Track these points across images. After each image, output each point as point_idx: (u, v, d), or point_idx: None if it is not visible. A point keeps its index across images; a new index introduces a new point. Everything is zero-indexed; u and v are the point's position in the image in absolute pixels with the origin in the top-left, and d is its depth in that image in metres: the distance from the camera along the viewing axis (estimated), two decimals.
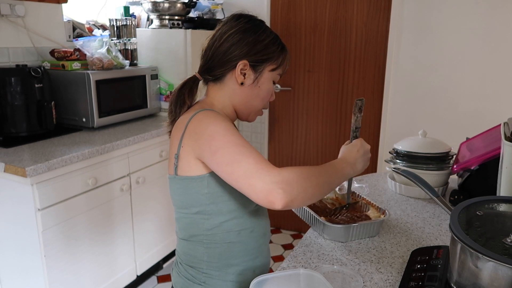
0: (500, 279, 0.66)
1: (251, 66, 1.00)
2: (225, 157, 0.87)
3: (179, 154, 0.97)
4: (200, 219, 1.01)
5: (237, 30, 1.00)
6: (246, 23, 1.01)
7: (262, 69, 1.02)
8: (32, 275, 1.76)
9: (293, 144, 3.10)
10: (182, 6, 2.67)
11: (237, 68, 0.99)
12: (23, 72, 1.93)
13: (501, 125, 1.15)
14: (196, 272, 1.05)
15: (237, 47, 0.99)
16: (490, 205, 0.84)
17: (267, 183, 0.81)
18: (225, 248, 1.03)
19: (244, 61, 0.99)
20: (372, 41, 2.71)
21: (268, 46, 1.01)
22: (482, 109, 2.41)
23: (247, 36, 0.99)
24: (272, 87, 1.05)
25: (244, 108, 1.05)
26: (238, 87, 1.02)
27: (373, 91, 2.77)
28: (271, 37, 1.02)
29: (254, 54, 1.00)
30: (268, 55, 1.01)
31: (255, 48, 0.99)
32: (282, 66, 1.04)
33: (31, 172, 1.58)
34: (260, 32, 1.01)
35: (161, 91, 2.65)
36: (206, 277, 1.04)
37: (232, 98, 1.04)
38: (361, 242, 1.07)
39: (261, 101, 1.05)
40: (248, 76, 1.01)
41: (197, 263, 1.05)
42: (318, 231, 1.12)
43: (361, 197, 1.22)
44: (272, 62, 1.02)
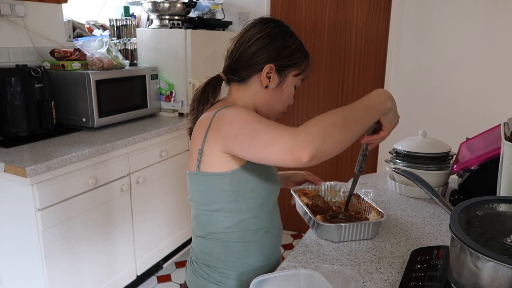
0: (500, 279, 0.66)
1: (276, 70, 1.03)
2: (246, 136, 0.89)
3: (203, 149, 0.98)
4: (220, 216, 1.02)
5: (266, 34, 1.02)
6: (274, 28, 1.03)
7: (287, 74, 1.04)
8: (32, 275, 1.76)
9: None
10: (182, 6, 2.67)
11: (263, 71, 1.02)
12: (23, 72, 1.93)
13: (501, 125, 1.15)
14: (213, 271, 1.06)
15: (265, 51, 1.01)
16: (490, 205, 0.84)
17: (288, 142, 0.81)
18: (242, 247, 1.04)
19: (271, 65, 1.01)
20: (372, 41, 2.71)
21: (294, 52, 1.04)
22: (482, 109, 2.41)
23: (275, 41, 1.02)
24: (293, 92, 1.08)
25: (265, 110, 1.08)
26: (262, 89, 1.04)
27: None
28: (297, 43, 1.05)
29: (281, 59, 1.02)
30: (293, 60, 1.03)
31: (282, 53, 1.02)
32: (304, 72, 1.07)
33: (31, 172, 1.58)
34: (287, 38, 1.03)
35: (161, 91, 2.65)
36: (222, 276, 1.05)
37: (255, 99, 1.06)
38: (361, 242, 1.07)
39: (282, 104, 1.08)
40: (273, 79, 1.03)
41: (214, 262, 1.06)
42: (313, 230, 1.13)
43: (365, 201, 1.21)
44: (296, 68, 1.05)
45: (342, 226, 1.06)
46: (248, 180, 0.99)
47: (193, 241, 1.12)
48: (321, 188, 1.34)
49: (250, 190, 1.00)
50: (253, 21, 1.06)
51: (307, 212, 1.14)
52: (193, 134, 1.03)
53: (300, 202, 1.21)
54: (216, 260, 1.05)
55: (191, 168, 1.02)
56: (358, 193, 1.24)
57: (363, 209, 1.20)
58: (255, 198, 1.01)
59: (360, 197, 1.24)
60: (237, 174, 0.98)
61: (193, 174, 1.02)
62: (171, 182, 2.44)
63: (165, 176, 2.38)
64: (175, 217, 2.53)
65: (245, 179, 0.98)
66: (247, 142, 0.88)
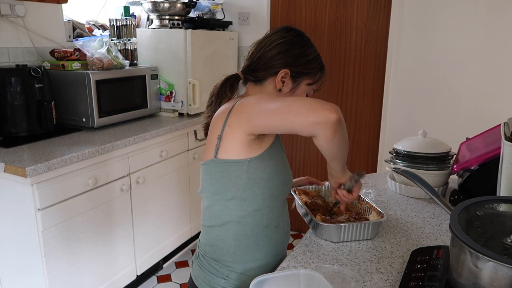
0: (500, 279, 0.66)
1: (291, 76, 1.07)
2: (273, 110, 0.92)
3: (222, 134, 1.00)
4: (234, 205, 1.03)
5: (286, 41, 1.07)
6: (295, 37, 1.09)
7: (301, 81, 1.09)
8: (32, 275, 1.76)
9: (293, 144, 3.10)
10: (182, 6, 2.67)
11: (279, 75, 1.06)
12: (23, 72, 1.93)
13: (501, 125, 1.15)
14: (220, 266, 1.07)
15: (283, 56, 1.06)
16: (490, 205, 0.84)
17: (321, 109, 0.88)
18: (252, 240, 1.05)
19: (286, 70, 1.06)
20: (372, 41, 2.71)
21: (311, 61, 1.09)
22: (482, 109, 2.41)
23: (294, 48, 1.07)
24: None
25: None
26: (276, 92, 1.09)
27: (373, 91, 2.77)
28: (314, 54, 1.10)
29: (297, 66, 1.07)
30: (308, 69, 1.08)
31: (299, 61, 1.07)
32: (317, 82, 1.12)
33: (31, 172, 1.58)
34: (306, 47, 1.09)
35: (161, 91, 2.65)
36: (229, 271, 1.06)
37: None
38: (361, 242, 1.07)
39: None
40: (286, 84, 1.08)
41: (222, 255, 1.07)
42: (313, 230, 1.13)
43: (365, 201, 1.21)
44: (310, 77, 1.09)
45: (341, 226, 1.06)
46: (265, 169, 1.02)
47: (202, 235, 1.13)
48: (322, 188, 1.34)
49: (266, 179, 1.02)
50: (277, 28, 1.12)
51: (306, 211, 1.14)
52: (211, 125, 1.05)
53: (299, 201, 1.21)
54: (225, 254, 1.06)
55: (208, 157, 1.04)
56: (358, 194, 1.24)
57: (363, 210, 1.21)
58: (270, 188, 1.03)
59: (360, 198, 1.24)
60: (255, 162, 1.00)
61: (210, 162, 1.03)
62: (171, 182, 2.44)
63: (165, 176, 2.38)
64: (175, 217, 2.53)
65: (262, 167, 1.01)
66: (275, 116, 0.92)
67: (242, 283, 1.06)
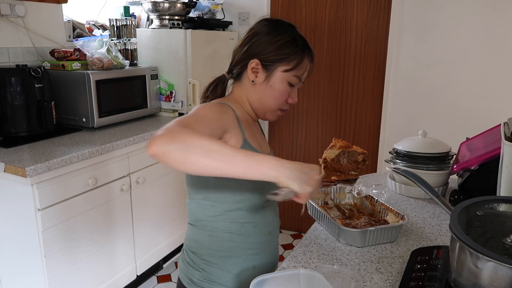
0: (500, 279, 0.66)
1: (263, 66, 1.03)
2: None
3: None
4: (206, 205, 1.05)
5: (254, 32, 1.06)
6: (265, 26, 1.06)
7: (274, 68, 1.04)
8: (32, 275, 1.76)
9: (293, 144, 3.10)
10: (182, 6, 2.67)
11: (249, 66, 1.04)
12: (23, 72, 1.93)
13: (501, 125, 1.15)
14: (197, 258, 1.09)
15: (250, 46, 1.05)
16: (490, 205, 0.84)
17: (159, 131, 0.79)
18: (227, 238, 1.06)
19: (255, 59, 1.03)
20: (372, 41, 2.71)
21: (282, 47, 1.03)
22: (482, 109, 2.41)
23: (261, 37, 1.04)
24: (286, 88, 1.06)
25: (258, 106, 1.08)
26: (251, 85, 1.06)
27: (373, 91, 2.77)
28: (287, 39, 1.04)
29: (266, 54, 1.03)
30: (280, 55, 1.03)
31: (268, 48, 1.03)
32: (297, 68, 1.04)
33: (31, 172, 1.58)
34: (275, 34, 1.04)
35: (161, 91, 2.65)
36: (205, 264, 1.07)
37: (248, 96, 1.08)
38: None
39: (274, 100, 1.06)
40: (259, 75, 1.04)
41: (198, 248, 1.09)
42: (334, 235, 1.10)
43: (380, 202, 1.19)
44: (285, 63, 1.03)
45: (367, 231, 1.03)
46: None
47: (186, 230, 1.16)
48: (331, 190, 1.31)
49: (235, 181, 0.94)
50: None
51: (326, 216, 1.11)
52: None
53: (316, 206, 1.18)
54: (201, 247, 1.08)
55: None
56: (370, 195, 1.23)
57: (377, 211, 1.19)
58: (240, 190, 1.02)
59: (373, 199, 1.22)
60: None
61: None
62: (171, 182, 2.44)
63: (165, 176, 2.38)
64: (175, 217, 2.53)
65: None
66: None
67: (216, 277, 1.07)
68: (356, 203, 1.27)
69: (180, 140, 0.78)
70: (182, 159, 0.78)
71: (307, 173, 0.83)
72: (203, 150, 0.78)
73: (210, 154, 0.78)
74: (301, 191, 0.81)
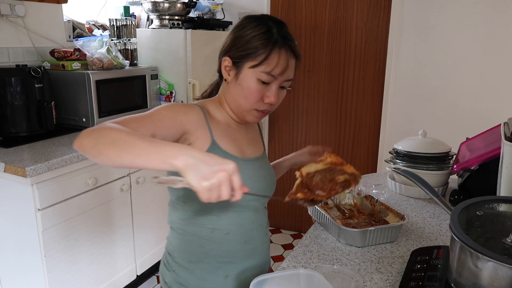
0: (500, 279, 0.66)
1: (233, 63, 0.98)
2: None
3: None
4: (177, 207, 1.05)
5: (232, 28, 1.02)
6: (240, 21, 1.01)
7: (242, 65, 0.97)
8: (32, 275, 1.76)
9: (293, 144, 3.10)
10: (182, 6, 2.67)
11: (222, 64, 1.01)
12: (23, 72, 1.93)
13: (501, 125, 1.15)
14: (171, 259, 1.08)
15: (223, 44, 1.02)
16: (490, 205, 0.84)
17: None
18: (197, 242, 1.03)
19: (226, 57, 0.99)
20: (372, 41, 2.71)
21: (250, 41, 0.96)
22: (482, 109, 2.41)
23: (233, 32, 1.00)
24: (256, 86, 0.97)
25: (233, 106, 1.03)
26: (226, 84, 1.02)
27: (373, 91, 2.77)
28: (257, 32, 0.96)
29: (234, 50, 0.98)
30: (247, 50, 0.96)
31: (236, 44, 0.98)
32: (265, 64, 0.94)
33: (31, 172, 1.58)
34: (245, 28, 0.98)
35: (161, 91, 2.65)
36: (176, 266, 1.07)
37: (225, 96, 1.04)
38: None
39: (244, 99, 0.98)
40: (231, 72, 0.99)
41: (172, 250, 1.08)
42: (334, 235, 1.10)
43: (380, 202, 1.19)
44: (252, 58, 0.95)
45: (367, 231, 1.03)
46: None
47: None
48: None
49: None
50: None
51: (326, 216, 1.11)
52: None
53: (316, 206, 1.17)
54: (174, 249, 1.08)
55: None
56: (370, 195, 1.23)
57: (377, 211, 1.19)
58: None
59: (373, 199, 1.22)
60: None
61: None
62: None
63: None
64: None
65: None
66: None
67: (185, 281, 1.05)
68: (356, 203, 1.27)
69: (97, 134, 0.76)
70: (96, 152, 0.75)
71: (211, 167, 0.69)
72: (111, 140, 0.74)
73: (116, 145, 0.73)
74: (194, 183, 0.69)
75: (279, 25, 0.98)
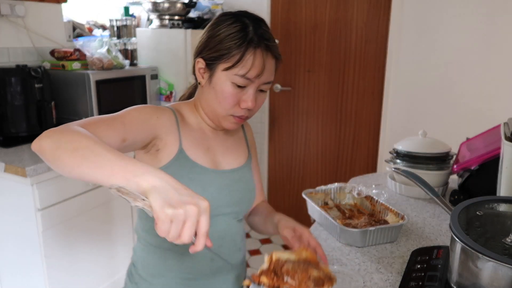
0: (500, 279, 0.66)
1: (206, 65, 0.91)
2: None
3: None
4: (141, 216, 1.00)
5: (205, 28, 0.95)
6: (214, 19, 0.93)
7: (215, 67, 0.89)
8: (32, 275, 1.76)
9: (293, 144, 3.10)
10: (182, 6, 2.67)
11: (196, 66, 0.94)
12: (23, 72, 1.93)
13: (501, 125, 1.15)
14: (134, 270, 1.03)
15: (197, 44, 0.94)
16: (490, 205, 0.84)
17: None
18: (159, 255, 0.97)
19: (199, 58, 0.92)
20: (372, 41, 2.71)
21: (222, 41, 0.88)
22: (482, 109, 2.41)
23: (206, 31, 0.93)
24: (230, 90, 0.89)
25: (208, 111, 0.96)
26: (201, 87, 0.95)
27: (373, 91, 2.77)
28: (231, 31, 0.88)
29: (207, 51, 0.90)
30: (220, 51, 0.88)
31: (209, 45, 0.90)
32: (238, 66, 0.86)
33: (31, 172, 1.58)
34: (219, 26, 0.90)
35: (161, 91, 2.65)
36: (139, 278, 1.01)
37: (200, 100, 0.97)
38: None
39: (219, 104, 0.91)
40: (205, 75, 0.92)
41: (136, 261, 1.03)
42: (334, 235, 1.10)
43: (380, 202, 1.19)
44: (225, 60, 0.87)
45: (367, 231, 1.03)
46: None
47: None
48: (331, 190, 1.31)
49: None
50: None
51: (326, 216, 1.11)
52: None
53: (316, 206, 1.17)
54: (137, 259, 1.02)
55: None
56: (370, 195, 1.23)
57: (377, 211, 1.18)
58: None
59: (373, 199, 1.22)
60: None
61: None
62: None
63: None
64: None
65: None
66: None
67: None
68: (356, 203, 1.27)
69: (59, 136, 0.67)
70: (53, 157, 0.66)
71: (181, 196, 0.59)
72: (73, 147, 0.64)
73: (78, 153, 0.64)
74: (157, 207, 0.57)
75: (256, 23, 0.91)
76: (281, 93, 3.01)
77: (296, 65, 2.93)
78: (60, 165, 0.65)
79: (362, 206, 1.24)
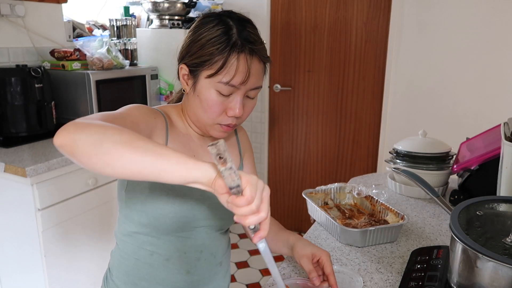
0: (500, 279, 0.66)
1: (190, 71, 0.86)
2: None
3: None
4: (121, 219, 0.95)
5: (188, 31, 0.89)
6: (197, 20, 0.87)
7: (198, 74, 0.84)
8: (32, 274, 1.76)
9: (293, 144, 3.10)
10: (182, 6, 2.67)
11: (180, 73, 0.89)
12: (23, 72, 1.93)
13: (501, 125, 1.15)
14: (109, 275, 1.01)
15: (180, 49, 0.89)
16: (490, 205, 0.84)
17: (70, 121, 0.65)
18: (133, 263, 0.94)
19: (182, 64, 0.87)
20: (372, 41, 2.71)
21: (204, 46, 0.81)
22: (482, 109, 2.41)
23: (188, 36, 0.87)
24: (214, 98, 0.83)
25: (194, 119, 0.91)
26: (186, 95, 0.90)
27: (373, 91, 2.77)
28: (213, 35, 0.81)
29: (189, 57, 0.85)
30: (202, 57, 0.82)
31: (192, 49, 0.84)
32: (221, 73, 0.80)
33: (31, 172, 1.58)
34: (201, 29, 0.83)
35: (161, 91, 2.65)
36: (113, 284, 0.98)
37: (186, 107, 0.92)
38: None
39: (204, 113, 0.85)
40: (189, 82, 0.87)
41: (112, 266, 1.00)
42: (334, 235, 1.10)
43: (380, 202, 1.19)
44: (208, 67, 0.81)
45: (367, 231, 1.03)
46: (142, 190, 0.86)
47: None
48: (331, 190, 1.31)
49: (141, 203, 0.87)
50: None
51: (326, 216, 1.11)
52: None
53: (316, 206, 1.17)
54: (113, 265, 0.99)
55: None
56: (370, 195, 1.23)
57: (377, 211, 1.19)
58: (146, 213, 0.87)
59: (373, 199, 1.22)
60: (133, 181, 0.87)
61: None
62: None
63: None
64: None
65: (139, 188, 0.86)
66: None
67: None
68: (356, 203, 1.27)
69: (97, 129, 0.61)
70: (99, 151, 0.59)
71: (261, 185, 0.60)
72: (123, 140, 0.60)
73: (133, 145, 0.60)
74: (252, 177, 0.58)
75: (241, 24, 0.83)
76: (281, 93, 3.01)
77: (296, 65, 2.93)
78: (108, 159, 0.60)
79: (362, 206, 1.24)
